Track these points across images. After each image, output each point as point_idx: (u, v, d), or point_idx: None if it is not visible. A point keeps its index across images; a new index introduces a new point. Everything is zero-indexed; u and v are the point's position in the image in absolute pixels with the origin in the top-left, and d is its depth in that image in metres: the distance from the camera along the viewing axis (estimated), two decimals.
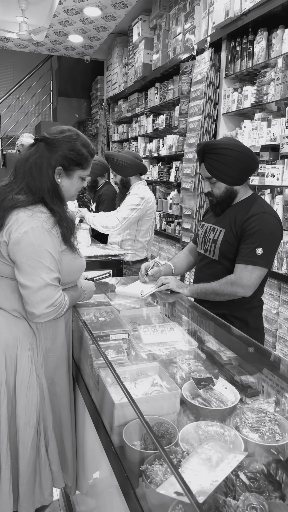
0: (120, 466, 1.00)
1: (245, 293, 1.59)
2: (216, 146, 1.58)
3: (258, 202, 1.63)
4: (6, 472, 1.40)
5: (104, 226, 2.60)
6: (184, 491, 0.72)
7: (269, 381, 1.32)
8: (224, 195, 1.64)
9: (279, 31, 2.40)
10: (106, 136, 5.86)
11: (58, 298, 1.31)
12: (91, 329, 1.41)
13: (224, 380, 1.21)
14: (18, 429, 1.39)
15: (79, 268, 1.48)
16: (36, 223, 1.27)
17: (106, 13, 4.17)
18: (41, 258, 1.27)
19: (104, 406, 1.18)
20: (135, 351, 1.40)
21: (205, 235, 1.76)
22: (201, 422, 1.06)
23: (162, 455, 0.82)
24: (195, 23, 3.24)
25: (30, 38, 4.47)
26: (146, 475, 0.89)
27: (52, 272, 1.29)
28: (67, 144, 1.35)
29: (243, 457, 0.91)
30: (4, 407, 1.37)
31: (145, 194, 2.58)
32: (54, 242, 1.30)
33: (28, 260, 1.26)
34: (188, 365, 1.34)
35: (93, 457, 1.37)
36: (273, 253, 1.59)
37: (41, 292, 1.27)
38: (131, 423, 1.06)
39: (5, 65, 6.88)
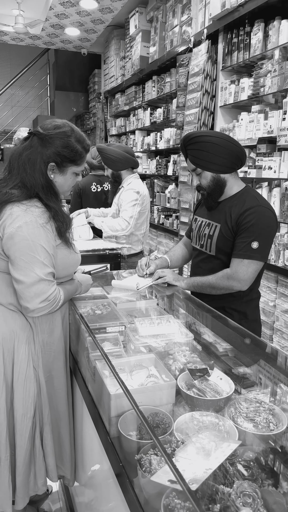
0: (116, 456, 1.01)
1: (241, 287, 1.60)
2: (195, 135, 1.60)
3: (252, 195, 1.63)
4: (6, 463, 1.42)
5: (114, 230, 2.61)
6: (176, 478, 0.73)
7: (265, 372, 1.33)
8: (211, 184, 1.63)
9: (276, 22, 2.38)
10: (103, 129, 5.84)
11: (52, 293, 1.31)
12: (88, 322, 1.42)
13: (219, 371, 1.22)
14: (16, 421, 1.41)
15: (74, 263, 1.48)
16: (30, 217, 1.27)
17: (102, 5, 4.14)
18: (35, 253, 1.27)
19: (101, 398, 1.19)
20: (131, 343, 1.41)
21: (200, 230, 1.76)
22: (196, 412, 1.07)
23: (156, 444, 0.83)
24: (191, 15, 3.21)
25: (27, 31, 4.43)
26: (141, 464, 0.90)
27: (46, 267, 1.29)
28: (61, 140, 1.33)
29: (236, 446, 0.92)
30: (3, 399, 1.38)
31: (139, 188, 2.58)
32: (48, 236, 1.30)
33: (22, 255, 1.26)
34: (184, 356, 1.35)
35: (91, 449, 1.38)
36: (268, 247, 1.59)
37: (34, 287, 1.27)
38: (126, 414, 1.08)
39: (1, 59, 6.83)
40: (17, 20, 4.39)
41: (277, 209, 2.42)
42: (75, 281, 1.54)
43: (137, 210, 2.56)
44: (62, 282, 1.46)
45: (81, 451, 1.56)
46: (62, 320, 1.50)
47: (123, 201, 2.58)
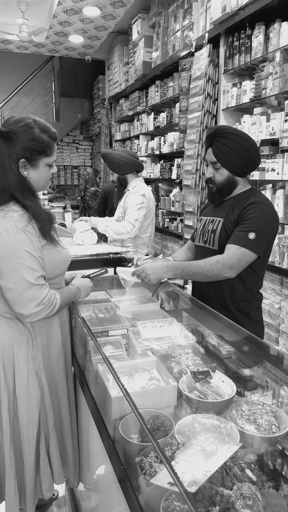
0: (118, 459, 1.02)
1: (231, 274, 1.56)
2: (227, 131, 1.59)
3: (256, 193, 1.65)
4: (11, 471, 1.42)
5: (119, 233, 2.62)
6: (174, 480, 0.73)
7: (267, 375, 1.32)
8: (225, 182, 1.64)
9: (276, 24, 2.38)
10: (108, 135, 5.88)
11: (45, 296, 1.29)
12: (90, 326, 1.42)
13: (221, 373, 1.22)
14: (22, 428, 1.41)
15: (64, 261, 1.44)
16: (10, 223, 1.24)
17: (105, 12, 4.18)
18: (20, 259, 1.24)
19: (103, 401, 1.20)
20: (133, 346, 1.41)
21: (204, 227, 1.77)
22: (197, 414, 1.07)
23: (154, 446, 0.83)
24: (193, 20, 3.23)
25: (31, 39, 4.49)
26: (141, 466, 0.90)
27: (34, 271, 1.26)
28: (24, 134, 1.27)
29: (237, 448, 0.91)
30: (5, 408, 1.39)
31: (145, 191, 2.60)
32: (31, 240, 1.26)
33: (7, 263, 1.24)
34: (186, 359, 1.35)
35: (95, 452, 1.38)
36: (264, 241, 1.58)
37: (26, 293, 1.25)
38: (127, 417, 1.08)
39: (7, 67, 6.92)
40: (21, 29, 4.46)
41: (281, 211, 2.42)
42: (74, 287, 1.52)
43: (143, 213, 2.57)
44: (57, 284, 1.43)
45: (87, 454, 1.56)
46: (60, 323, 1.49)
47: (129, 204, 2.59)
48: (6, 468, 1.42)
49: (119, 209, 2.78)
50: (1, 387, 1.38)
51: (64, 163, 7.25)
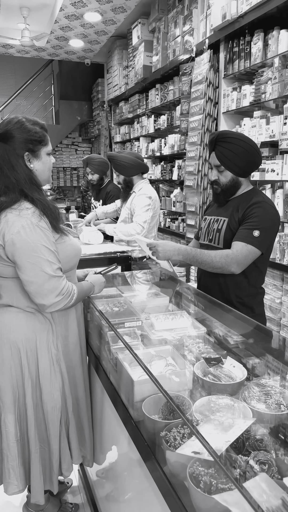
0: (141, 437, 1.11)
1: (236, 270, 1.66)
2: (229, 135, 1.69)
3: (258, 193, 1.75)
4: (36, 455, 1.51)
5: (129, 235, 2.70)
6: (203, 444, 0.82)
7: (275, 360, 1.42)
8: (229, 184, 1.74)
9: (275, 32, 2.49)
10: (108, 137, 5.97)
11: (64, 287, 1.37)
12: (108, 318, 1.52)
13: (232, 359, 1.32)
14: (47, 414, 1.49)
15: (76, 253, 1.53)
16: (26, 220, 1.31)
17: (106, 17, 4.28)
18: (38, 254, 1.32)
19: (123, 385, 1.29)
20: (148, 336, 1.51)
21: (209, 226, 1.86)
22: (212, 396, 1.17)
23: (183, 419, 0.92)
24: (193, 26, 3.34)
25: (33, 44, 4.58)
26: (166, 440, 1.00)
27: (52, 264, 1.34)
28: (20, 129, 1.35)
29: (251, 422, 1.01)
30: (29, 396, 1.47)
31: (151, 193, 2.69)
32: (46, 235, 1.35)
33: (27, 258, 1.31)
34: (198, 348, 1.45)
35: (112, 433, 1.48)
36: (267, 239, 1.68)
37: (46, 284, 1.33)
38: (148, 398, 1.17)
39: (6, 71, 6.99)
40: (23, 34, 4.55)
41: (281, 210, 2.52)
42: (88, 283, 1.61)
43: (150, 214, 2.66)
44: (69, 278, 1.50)
45: (99, 436, 1.65)
46: (76, 316, 1.58)
47: (136, 206, 2.68)
48: (31, 453, 1.51)
49: (125, 210, 2.87)
50: (25, 377, 1.47)
51: (64, 165, 7.34)
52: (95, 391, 1.70)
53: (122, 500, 1.49)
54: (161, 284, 2.13)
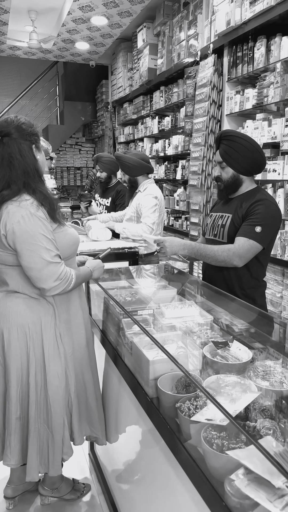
0: (157, 411, 1.23)
1: (238, 263, 1.78)
2: (231, 134, 1.83)
3: (261, 192, 1.86)
4: (34, 435, 1.59)
5: (138, 236, 2.79)
6: (219, 408, 0.94)
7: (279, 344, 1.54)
8: (231, 180, 1.86)
9: (277, 38, 2.61)
10: (112, 137, 6.09)
11: (62, 272, 1.47)
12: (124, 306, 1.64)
13: (238, 343, 1.43)
14: (51, 394, 1.58)
15: (74, 241, 1.63)
16: (25, 211, 1.42)
17: (112, 21, 4.40)
18: (37, 241, 1.42)
19: (138, 366, 1.41)
20: (159, 323, 1.62)
21: (214, 222, 1.98)
22: (220, 375, 1.28)
23: (200, 388, 1.04)
24: (198, 31, 3.45)
25: (40, 46, 4.70)
26: (181, 410, 1.12)
27: (50, 251, 1.45)
28: (24, 126, 1.48)
29: (257, 395, 1.13)
30: (33, 377, 1.56)
31: (157, 193, 2.80)
32: (44, 224, 1.45)
33: (27, 245, 1.42)
34: (206, 334, 1.56)
35: (127, 411, 1.59)
36: (269, 235, 1.80)
37: (45, 270, 1.44)
38: (162, 377, 1.29)
39: (11, 72, 7.11)
40: (31, 37, 4.66)
41: (282, 208, 2.64)
42: (86, 268, 1.70)
43: (157, 215, 2.77)
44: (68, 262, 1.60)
45: (115, 417, 1.77)
46: (79, 299, 1.68)
47: (143, 207, 2.77)
48: (30, 431, 1.58)
49: (130, 209, 2.97)
50: (30, 358, 1.56)
51: (67, 165, 7.45)
52: (109, 376, 1.81)
53: (137, 476, 1.60)
54: (168, 277, 2.25)
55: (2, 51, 5.57)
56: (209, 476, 0.96)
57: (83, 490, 1.97)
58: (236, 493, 0.87)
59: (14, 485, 1.91)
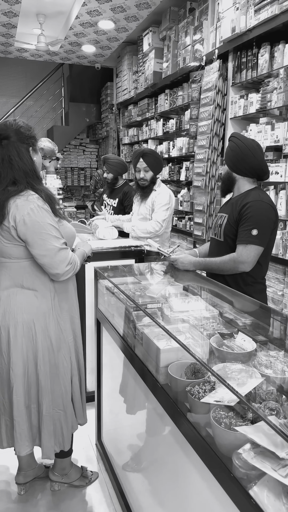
0: (167, 395, 1.31)
1: (245, 268, 1.90)
2: (232, 135, 1.99)
3: (256, 192, 1.96)
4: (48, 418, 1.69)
5: (147, 232, 2.89)
6: (230, 389, 1.03)
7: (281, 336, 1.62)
8: (225, 177, 2.02)
9: (281, 45, 2.71)
10: (116, 139, 6.18)
11: (71, 256, 1.61)
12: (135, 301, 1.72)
13: (243, 334, 1.52)
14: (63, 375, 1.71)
15: (72, 234, 1.76)
16: (33, 203, 1.53)
17: (118, 25, 4.49)
18: (47, 231, 1.54)
19: (149, 355, 1.49)
20: (168, 316, 1.71)
21: (216, 222, 2.11)
22: (226, 363, 1.37)
23: (212, 372, 1.13)
24: (203, 36, 3.55)
25: (48, 49, 4.79)
26: (191, 393, 1.20)
27: (58, 239, 1.57)
28: (22, 129, 1.57)
29: (261, 380, 1.22)
30: (42, 367, 1.66)
31: (170, 192, 2.92)
32: (51, 215, 1.57)
33: (38, 235, 1.53)
34: (212, 326, 1.65)
35: (136, 399, 1.67)
36: (266, 233, 1.89)
37: (58, 255, 1.56)
38: (172, 364, 1.38)
39: (17, 73, 7.21)
40: (39, 39, 4.76)
41: (283, 209, 2.73)
42: (80, 249, 1.82)
43: (169, 213, 2.87)
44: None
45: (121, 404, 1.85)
46: (73, 287, 1.80)
47: (157, 203, 2.87)
48: (43, 416, 1.68)
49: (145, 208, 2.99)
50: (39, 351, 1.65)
51: (71, 165, 7.55)
52: (118, 365, 1.90)
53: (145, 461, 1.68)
54: (173, 273, 2.33)
55: (9, 52, 5.67)
56: (217, 452, 1.05)
57: (91, 477, 2.05)
58: (243, 465, 0.96)
59: (24, 472, 1.99)
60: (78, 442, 2.09)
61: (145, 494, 1.64)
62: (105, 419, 2.24)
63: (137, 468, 1.76)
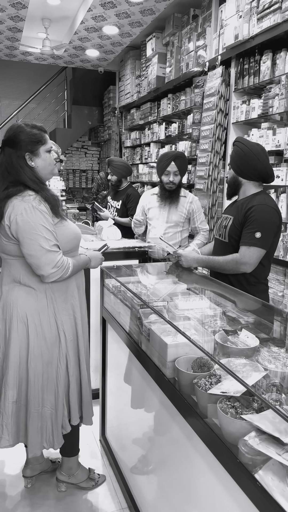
0: (174, 388, 1.37)
1: (246, 269, 1.97)
2: (237, 140, 2.05)
3: (261, 196, 2.02)
4: (35, 415, 1.70)
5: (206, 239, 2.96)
6: (238, 379, 1.09)
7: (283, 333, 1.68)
8: (231, 181, 2.08)
9: (283, 53, 2.78)
10: (118, 142, 6.25)
11: (59, 260, 1.60)
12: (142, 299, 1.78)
13: (246, 331, 1.58)
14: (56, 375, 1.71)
15: (75, 235, 1.75)
16: (28, 204, 1.56)
17: (123, 31, 4.57)
18: (37, 231, 1.56)
19: (156, 350, 1.55)
20: (173, 314, 1.77)
21: (220, 224, 2.16)
22: (231, 358, 1.43)
23: (220, 364, 1.19)
24: (206, 42, 3.63)
25: (52, 53, 4.87)
26: (198, 385, 1.26)
27: (48, 241, 1.58)
28: (21, 134, 1.61)
29: (265, 374, 1.28)
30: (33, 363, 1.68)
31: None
32: (45, 217, 1.59)
33: (27, 234, 1.56)
34: (216, 323, 1.71)
35: (142, 392, 1.73)
36: (269, 236, 1.95)
37: (44, 257, 1.57)
38: (179, 359, 1.44)
39: (20, 76, 7.29)
40: (44, 43, 4.83)
41: (284, 211, 2.80)
42: (85, 256, 1.82)
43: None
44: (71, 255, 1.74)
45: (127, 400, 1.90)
46: (77, 289, 1.81)
47: (197, 212, 2.87)
48: (31, 412, 1.68)
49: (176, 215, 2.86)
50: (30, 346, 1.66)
51: (73, 167, 7.62)
52: (124, 361, 1.95)
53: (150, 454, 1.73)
54: (178, 273, 2.39)
55: (14, 56, 5.74)
56: (224, 440, 1.10)
57: (98, 480, 2.06)
58: (249, 451, 1.01)
59: (31, 465, 2.04)
60: (83, 438, 2.13)
61: (150, 487, 1.69)
62: (109, 415, 2.29)
63: (142, 462, 1.81)
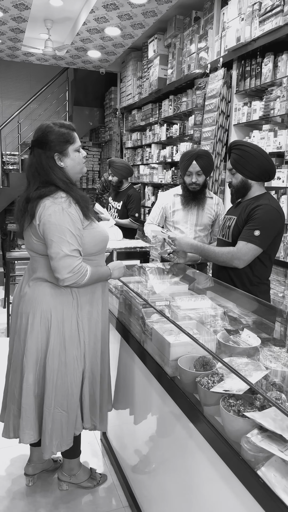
0: (176, 386, 1.39)
1: (238, 264, 1.97)
2: (240, 143, 2.03)
3: (266, 197, 2.03)
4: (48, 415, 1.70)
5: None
6: (241, 378, 1.10)
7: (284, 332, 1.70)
8: (240, 185, 2.05)
9: (284, 55, 2.80)
10: (119, 142, 6.27)
11: (76, 265, 1.60)
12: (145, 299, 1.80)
13: (248, 331, 1.59)
14: (70, 376, 1.71)
15: (103, 238, 1.79)
16: (58, 206, 1.59)
17: (125, 32, 4.59)
18: (61, 234, 1.58)
19: (158, 349, 1.57)
20: (175, 314, 1.78)
21: (224, 224, 2.17)
22: (233, 357, 1.45)
23: (223, 363, 1.20)
24: (208, 44, 3.65)
25: (54, 54, 4.89)
26: (201, 383, 1.28)
27: (71, 245, 1.59)
28: (50, 134, 1.62)
29: (266, 373, 1.29)
30: (50, 361, 1.68)
31: None
32: (73, 220, 1.60)
33: (52, 236, 1.58)
34: (218, 323, 1.73)
35: (144, 391, 1.74)
36: (269, 236, 1.96)
37: (62, 261, 1.58)
38: (182, 358, 1.45)
39: (22, 76, 7.31)
40: (46, 44, 4.85)
41: (285, 212, 2.81)
42: (106, 267, 1.81)
43: None
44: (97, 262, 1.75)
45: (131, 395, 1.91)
46: (102, 294, 1.82)
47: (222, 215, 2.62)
48: (45, 412, 1.70)
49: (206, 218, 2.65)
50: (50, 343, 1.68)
51: None
52: (125, 359, 1.96)
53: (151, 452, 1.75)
54: (179, 274, 2.41)
55: (16, 56, 5.76)
56: (226, 438, 1.12)
57: (99, 480, 2.08)
58: (252, 448, 1.03)
59: (34, 464, 2.05)
60: (84, 437, 2.15)
61: (151, 485, 1.71)
62: (110, 415, 2.30)
63: (143, 460, 1.82)
